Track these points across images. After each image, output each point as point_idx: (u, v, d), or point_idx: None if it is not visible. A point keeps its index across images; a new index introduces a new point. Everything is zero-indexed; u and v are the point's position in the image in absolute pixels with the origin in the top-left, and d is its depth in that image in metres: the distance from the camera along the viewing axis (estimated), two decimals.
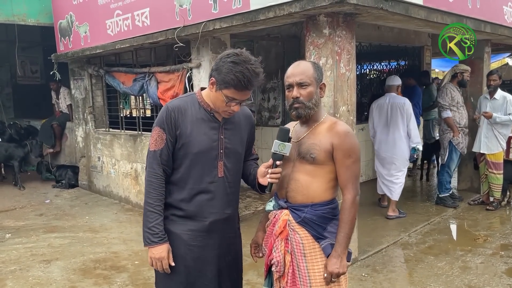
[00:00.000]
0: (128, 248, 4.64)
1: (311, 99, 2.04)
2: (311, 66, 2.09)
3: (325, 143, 2.03)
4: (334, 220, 2.06)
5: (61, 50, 6.80)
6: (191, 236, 2.08)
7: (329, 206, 2.07)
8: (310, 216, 2.04)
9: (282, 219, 2.11)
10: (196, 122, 2.04)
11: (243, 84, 1.93)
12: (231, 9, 3.92)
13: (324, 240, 2.04)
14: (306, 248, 2.05)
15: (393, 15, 3.77)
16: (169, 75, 5.26)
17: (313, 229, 2.05)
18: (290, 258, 2.10)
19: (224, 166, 2.09)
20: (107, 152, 6.77)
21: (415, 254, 4.28)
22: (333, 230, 2.04)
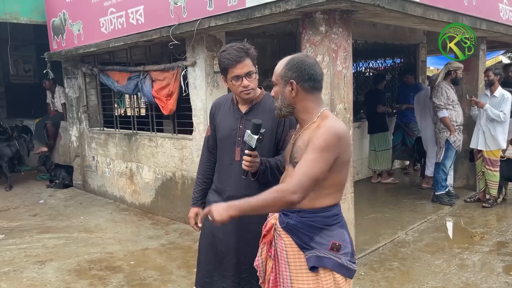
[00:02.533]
0: (123, 248, 4.60)
1: (277, 100, 1.94)
2: (284, 63, 1.92)
3: (307, 143, 1.84)
4: (325, 230, 1.87)
5: (54, 48, 6.73)
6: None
7: (319, 215, 1.87)
8: (295, 222, 1.89)
9: (270, 222, 2.04)
10: (225, 114, 2.41)
11: (232, 59, 2.21)
12: (226, 6, 3.88)
13: (310, 250, 1.86)
14: (290, 256, 1.90)
15: (390, 12, 3.75)
16: (164, 73, 5.21)
17: (297, 237, 1.89)
18: (272, 264, 1.99)
19: (241, 151, 2.28)
20: (102, 151, 6.71)
21: (412, 252, 4.27)
22: (323, 241, 1.85)
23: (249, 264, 2.27)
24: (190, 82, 4.92)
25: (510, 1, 5.66)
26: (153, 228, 5.22)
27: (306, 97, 1.90)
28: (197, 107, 4.92)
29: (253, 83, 2.28)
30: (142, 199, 6.01)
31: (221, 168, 2.43)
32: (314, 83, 1.89)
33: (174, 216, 5.48)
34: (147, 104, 5.96)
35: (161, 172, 5.61)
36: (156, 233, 5.05)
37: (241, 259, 2.34)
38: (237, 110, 2.36)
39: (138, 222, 5.51)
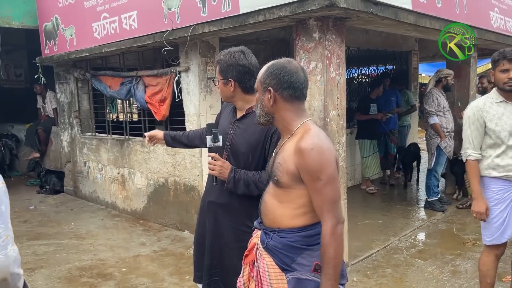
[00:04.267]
0: (115, 255, 4.55)
1: (256, 106, 1.87)
2: (264, 69, 1.84)
3: (290, 163, 1.72)
4: (307, 251, 1.74)
5: (46, 53, 6.68)
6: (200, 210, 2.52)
7: (298, 234, 1.75)
8: (274, 243, 1.78)
9: (252, 241, 1.94)
10: (225, 117, 2.46)
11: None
12: (220, 12, 3.88)
13: (292, 272, 1.74)
14: (272, 277, 1.79)
15: (383, 20, 3.77)
16: (157, 79, 5.20)
17: (278, 258, 1.77)
18: (254, 285, 1.88)
19: (228, 158, 2.31)
20: (94, 157, 6.66)
21: (405, 258, 4.27)
22: (305, 262, 1.73)
23: (220, 268, 2.30)
24: (183, 87, 4.91)
25: (501, 9, 5.74)
26: (145, 235, 5.18)
27: (285, 107, 1.79)
28: (190, 113, 4.90)
29: (219, 88, 2.36)
30: (134, 205, 5.96)
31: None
32: (294, 92, 1.77)
33: (167, 223, 5.44)
34: (140, 109, 5.93)
35: (154, 178, 5.57)
36: (148, 239, 5.01)
37: (214, 262, 2.36)
38: (234, 115, 2.39)
39: (130, 228, 5.46)
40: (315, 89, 3.68)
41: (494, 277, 2.97)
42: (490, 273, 2.95)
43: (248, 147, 2.24)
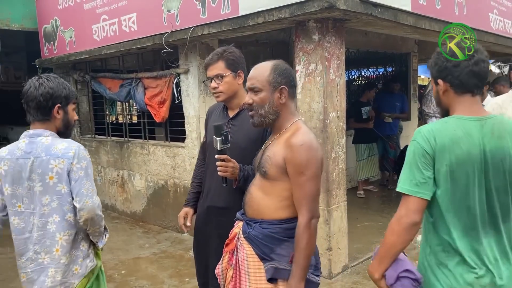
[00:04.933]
0: (114, 257, 4.54)
1: (263, 106, 1.86)
2: (269, 68, 1.88)
3: (278, 156, 1.82)
4: (286, 242, 1.84)
5: (46, 55, 6.68)
6: (199, 215, 2.51)
7: (280, 226, 1.85)
8: (256, 233, 1.87)
9: (234, 231, 2.02)
10: (215, 119, 2.40)
11: (206, 62, 2.32)
12: (219, 14, 3.88)
13: (270, 262, 1.83)
14: (250, 266, 1.88)
15: (382, 21, 3.78)
16: (157, 80, 5.20)
17: (258, 248, 1.86)
18: (232, 273, 1.95)
19: None
20: (93, 159, 6.65)
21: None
22: (284, 253, 1.83)
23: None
24: (183, 89, 4.91)
25: (500, 11, 5.74)
26: (144, 237, 5.17)
27: (288, 104, 1.90)
28: (190, 115, 4.90)
29: (222, 86, 2.28)
30: (134, 207, 5.95)
31: (206, 174, 2.46)
32: (295, 90, 1.95)
33: (166, 225, 5.43)
34: (139, 111, 5.93)
35: (153, 180, 5.56)
36: (148, 241, 5.00)
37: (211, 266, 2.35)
38: (225, 115, 2.39)
39: (130, 230, 5.45)
40: (315, 91, 3.68)
41: None
42: None
43: (248, 141, 2.26)
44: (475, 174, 1.60)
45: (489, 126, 1.65)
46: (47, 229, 2.01)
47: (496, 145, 1.62)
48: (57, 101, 2.05)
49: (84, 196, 1.99)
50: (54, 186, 1.98)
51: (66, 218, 2.02)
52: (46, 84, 2.07)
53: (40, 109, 2.05)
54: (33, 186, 1.99)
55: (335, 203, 3.83)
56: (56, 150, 1.98)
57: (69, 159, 1.98)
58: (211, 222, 2.40)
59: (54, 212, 2.00)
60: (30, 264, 2.03)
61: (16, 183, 2.01)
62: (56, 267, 2.01)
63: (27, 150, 2.00)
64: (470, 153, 1.59)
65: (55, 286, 2.02)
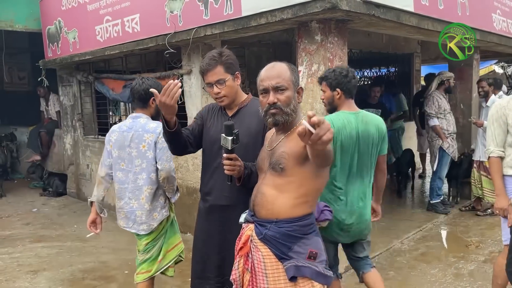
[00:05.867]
0: (117, 257, 4.56)
1: (289, 105, 1.88)
2: (288, 68, 1.93)
3: (296, 147, 1.82)
4: (303, 239, 1.84)
5: (50, 56, 6.72)
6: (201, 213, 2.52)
7: (296, 224, 1.85)
8: (273, 233, 1.87)
9: (245, 234, 1.98)
10: (214, 118, 2.43)
11: (204, 67, 2.31)
12: (222, 15, 3.89)
13: (289, 260, 1.84)
14: (268, 267, 1.87)
15: (385, 22, 3.78)
16: (160, 81, 5.20)
17: (276, 248, 1.86)
18: (249, 277, 1.94)
19: None
20: (97, 159, 6.67)
21: (408, 261, 4.26)
22: (301, 250, 1.83)
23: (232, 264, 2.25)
24: (185, 90, 4.92)
25: (503, 11, 5.73)
26: None
27: (299, 105, 1.99)
28: (193, 116, 4.90)
29: (225, 90, 2.28)
30: None
31: (207, 172, 2.46)
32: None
33: None
34: None
35: None
36: None
37: (225, 260, 2.34)
38: (224, 114, 2.40)
39: None
40: (317, 92, 3.68)
41: (506, 280, 2.93)
42: (502, 274, 2.92)
43: (249, 136, 2.28)
44: (354, 146, 2.66)
45: (360, 117, 2.73)
46: (137, 183, 2.84)
47: (364, 128, 2.70)
48: (152, 95, 2.62)
49: (164, 161, 2.78)
50: (145, 152, 2.80)
51: (150, 176, 2.81)
52: (146, 82, 2.84)
53: (141, 100, 2.87)
54: (131, 151, 2.83)
55: None
56: (149, 128, 2.80)
57: (157, 134, 2.76)
58: (214, 221, 2.41)
59: (143, 171, 2.79)
60: (126, 206, 2.87)
61: (121, 148, 2.87)
62: (141, 211, 2.83)
63: (130, 126, 2.85)
64: (351, 133, 2.65)
65: (141, 223, 2.85)
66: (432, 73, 6.69)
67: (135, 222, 2.86)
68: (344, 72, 2.74)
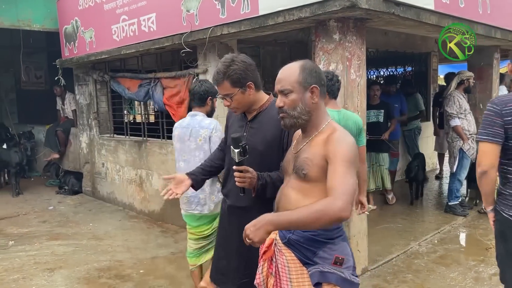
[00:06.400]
0: (133, 256, 4.56)
1: (295, 108, 1.82)
2: (297, 69, 1.83)
3: (319, 156, 1.77)
4: (328, 244, 1.81)
5: (66, 55, 6.77)
6: (222, 214, 2.57)
7: (322, 228, 1.79)
8: (297, 237, 1.83)
9: (269, 238, 1.91)
10: (235, 121, 2.45)
11: (214, 80, 2.32)
12: (239, 14, 3.86)
13: (313, 266, 1.80)
14: (292, 272, 1.84)
15: (404, 20, 3.71)
16: (175, 80, 5.21)
17: (300, 253, 1.83)
18: (273, 281, 1.92)
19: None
20: (112, 158, 6.71)
21: (426, 264, 4.18)
22: (326, 255, 1.80)
23: (250, 269, 2.23)
24: None
25: None
26: (162, 236, 5.18)
27: (321, 104, 1.87)
28: None
29: (234, 103, 2.26)
30: (152, 207, 5.98)
31: (227, 176, 2.45)
32: (326, 88, 1.95)
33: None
34: (157, 111, 5.96)
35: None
36: (166, 241, 5.01)
37: (242, 264, 2.32)
38: (244, 117, 2.37)
39: (148, 230, 5.47)
40: None
41: None
42: None
43: (265, 143, 2.24)
44: None
45: (342, 114, 3.17)
46: None
47: (345, 124, 3.00)
48: (209, 95, 3.25)
49: None
50: (201, 145, 3.18)
51: None
52: (204, 85, 3.27)
53: (200, 99, 3.27)
54: (190, 144, 3.23)
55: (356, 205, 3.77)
56: (204, 124, 3.19)
57: (210, 129, 3.16)
58: (233, 222, 2.40)
59: (202, 161, 2.88)
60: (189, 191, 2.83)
61: (182, 142, 3.28)
62: (203, 194, 3.17)
63: (188, 123, 3.26)
64: None
65: (204, 204, 3.21)
66: (452, 72, 6.54)
67: (199, 204, 3.22)
68: (330, 76, 3.17)
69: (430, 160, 8.50)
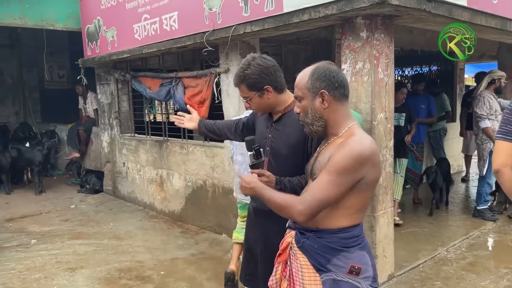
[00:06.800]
0: (153, 257, 4.52)
1: (307, 114, 1.81)
2: (308, 73, 1.81)
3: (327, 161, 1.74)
4: (343, 252, 1.74)
5: (88, 55, 6.80)
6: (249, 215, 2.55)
7: (337, 235, 1.75)
8: (311, 243, 1.80)
9: (286, 241, 1.93)
10: (261, 121, 2.38)
11: (233, 82, 2.31)
12: (262, 12, 3.77)
13: (327, 273, 1.75)
14: (305, 277, 1.80)
15: (435, 17, 3.56)
16: (197, 80, 5.15)
17: (313, 258, 1.78)
18: (286, 284, 1.88)
19: (269, 163, 2.23)
20: (132, 157, 6.71)
21: (455, 271, 4.02)
22: (341, 264, 1.73)
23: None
24: (223, 89, 4.84)
25: None
26: (182, 237, 5.14)
27: (336, 108, 1.79)
28: (230, 115, 4.82)
29: (253, 105, 2.27)
30: (172, 207, 5.95)
31: None
32: (344, 90, 1.81)
33: (204, 225, 5.39)
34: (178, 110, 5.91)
35: (192, 180, 5.53)
36: (186, 242, 4.96)
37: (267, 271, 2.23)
38: (270, 118, 2.32)
39: (168, 230, 5.44)
40: (362, 91, 3.51)
41: None
42: None
43: (288, 148, 2.18)
44: None
45: None
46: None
47: None
48: None
49: None
50: None
51: None
52: None
53: None
54: None
55: (382, 209, 3.65)
56: None
57: None
58: (259, 224, 2.38)
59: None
60: None
61: None
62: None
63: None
64: None
65: None
66: (483, 71, 6.28)
67: None
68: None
69: (455, 162, 8.27)
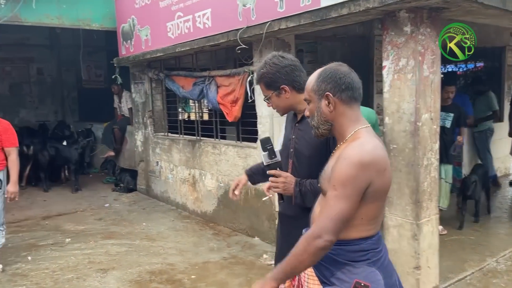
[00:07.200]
0: (184, 260, 4.44)
1: (313, 117, 1.77)
2: (315, 75, 1.77)
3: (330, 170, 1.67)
4: (348, 266, 1.66)
5: (123, 54, 6.82)
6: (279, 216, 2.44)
7: (341, 248, 1.67)
8: None
9: None
10: (288, 121, 2.33)
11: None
12: (298, 7, 3.59)
13: (330, 286, 1.68)
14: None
15: (487, 9, 3.27)
16: (230, 78, 5.03)
17: (319, 271, 1.72)
18: None
19: (293, 165, 2.19)
20: (166, 157, 6.68)
21: (507, 284, 3.70)
22: (345, 278, 1.65)
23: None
24: (256, 88, 4.69)
25: None
26: (214, 239, 5.03)
27: (344, 110, 1.72)
28: (263, 115, 4.67)
29: (273, 104, 2.25)
30: (204, 207, 5.86)
31: None
32: (353, 92, 1.72)
33: (236, 227, 5.27)
34: (211, 109, 5.82)
35: (224, 181, 5.42)
36: (218, 244, 4.85)
37: None
38: (294, 118, 2.28)
39: (200, 231, 5.35)
40: (405, 89, 3.27)
41: None
42: None
43: (311, 149, 2.12)
44: None
45: None
46: None
47: None
48: None
49: None
50: None
51: None
52: None
53: None
54: None
55: (426, 216, 3.39)
56: None
57: None
58: (283, 231, 2.32)
59: None
60: None
61: None
62: None
63: None
64: None
65: None
66: None
67: None
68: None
69: (502, 164, 7.79)
